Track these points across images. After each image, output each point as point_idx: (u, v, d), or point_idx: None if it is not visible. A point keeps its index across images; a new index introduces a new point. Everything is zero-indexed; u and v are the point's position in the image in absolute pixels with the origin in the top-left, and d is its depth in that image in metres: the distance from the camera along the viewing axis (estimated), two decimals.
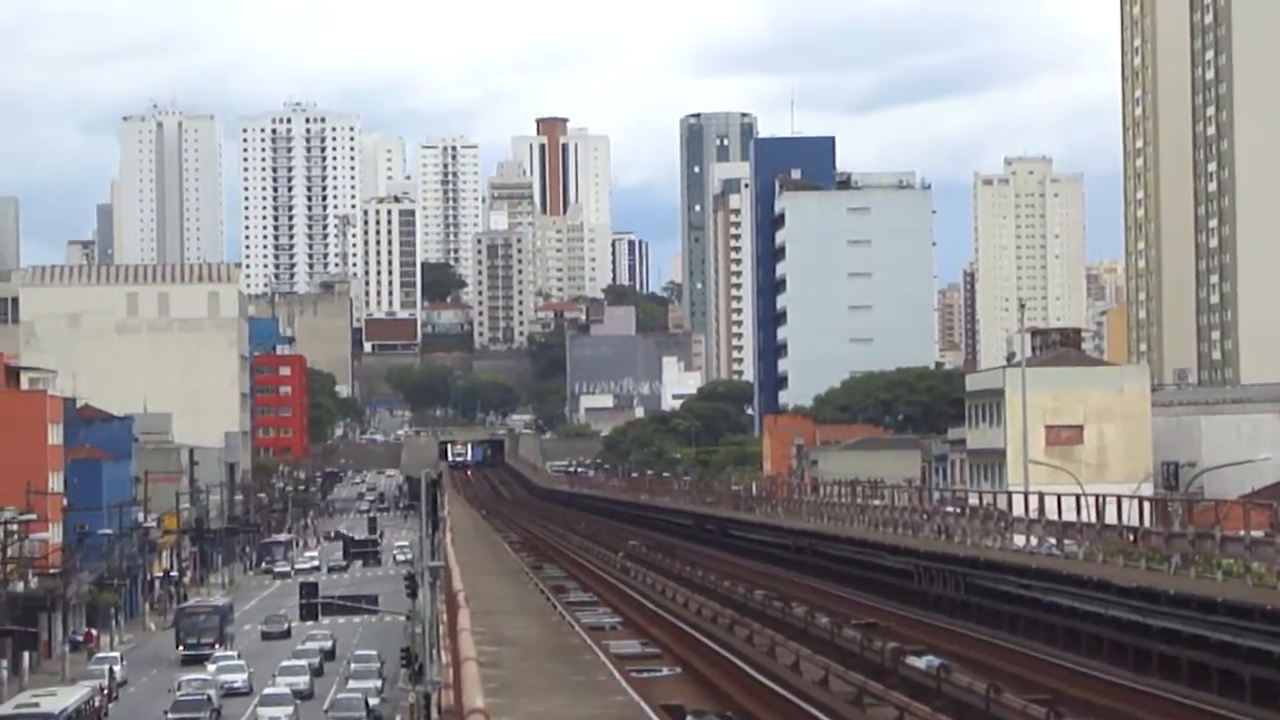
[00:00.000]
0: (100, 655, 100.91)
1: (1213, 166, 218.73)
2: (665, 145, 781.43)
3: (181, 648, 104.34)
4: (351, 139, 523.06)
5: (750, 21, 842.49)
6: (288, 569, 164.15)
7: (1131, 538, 57.67)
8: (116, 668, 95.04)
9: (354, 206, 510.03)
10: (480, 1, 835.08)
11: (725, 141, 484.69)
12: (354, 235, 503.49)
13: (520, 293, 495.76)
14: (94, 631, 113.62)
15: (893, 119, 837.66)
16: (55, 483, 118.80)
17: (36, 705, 71.00)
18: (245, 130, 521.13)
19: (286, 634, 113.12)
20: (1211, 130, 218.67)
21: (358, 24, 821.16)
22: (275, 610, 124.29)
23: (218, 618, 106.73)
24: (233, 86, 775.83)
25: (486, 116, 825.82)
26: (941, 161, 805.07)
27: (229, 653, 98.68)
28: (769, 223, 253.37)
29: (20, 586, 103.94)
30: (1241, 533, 50.97)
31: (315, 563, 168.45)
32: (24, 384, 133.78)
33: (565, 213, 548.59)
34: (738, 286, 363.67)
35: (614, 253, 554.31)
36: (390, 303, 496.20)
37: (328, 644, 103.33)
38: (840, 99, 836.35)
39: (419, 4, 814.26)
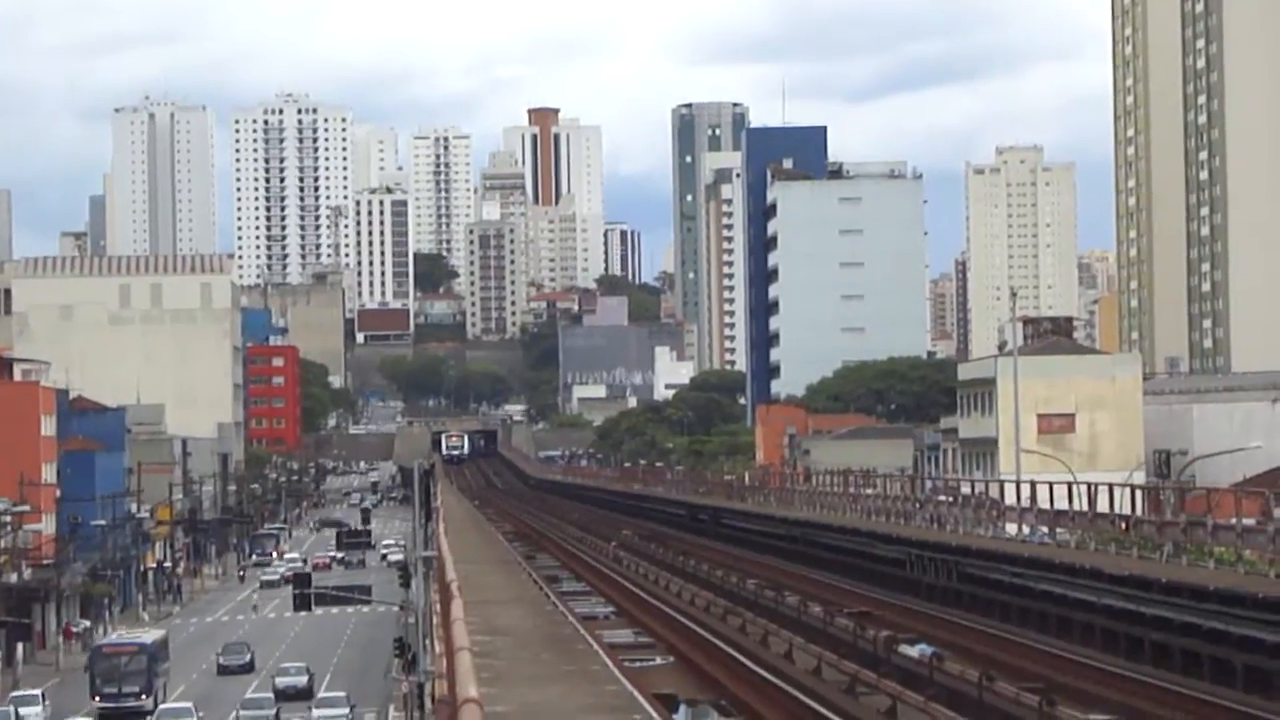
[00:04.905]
0: (16, 694, 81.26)
1: (1204, 154, 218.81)
2: (658, 135, 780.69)
3: (97, 698, 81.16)
4: (343, 130, 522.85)
5: (750, 10, 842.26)
6: (276, 577, 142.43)
7: (1123, 526, 57.75)
8: (36, 711, 77.91)
9: (346, 197, 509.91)
10: None
11: (717, 131, 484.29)
12: (346, 226, 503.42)
13: (512, 283, 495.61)
14: (71, 625, 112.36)
15: (891, 107, 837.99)
16: (48, 474, 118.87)
17: None
18: (237, 121, 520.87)
19: (249, 667, 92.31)
20: (1203, 119, 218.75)
21: (359, 15, 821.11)
22: (234, 635, 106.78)
23: (144, 658, 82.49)
24: (235, 77, 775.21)
25: (486, 106, 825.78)
26: (941, 150, 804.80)
27: (181, 704, 77.23)
28: (761, 212, 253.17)
29: (14, 578, 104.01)
30: (1233, 520, 51.03)
31: (298, 565, 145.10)
32: (16, 375, 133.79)
33: (557, 203, 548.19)
34: (730, 276, 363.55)
35: (606, 243, 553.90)
36: (383, 293, 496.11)
37: (301, 680, 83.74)
38: (839, 87, 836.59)
39: None
